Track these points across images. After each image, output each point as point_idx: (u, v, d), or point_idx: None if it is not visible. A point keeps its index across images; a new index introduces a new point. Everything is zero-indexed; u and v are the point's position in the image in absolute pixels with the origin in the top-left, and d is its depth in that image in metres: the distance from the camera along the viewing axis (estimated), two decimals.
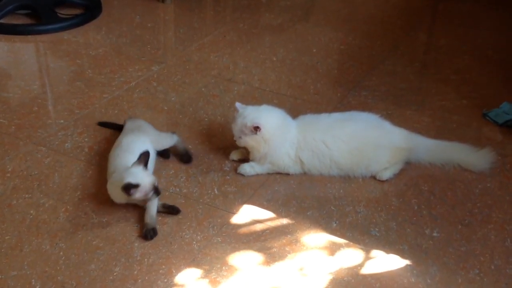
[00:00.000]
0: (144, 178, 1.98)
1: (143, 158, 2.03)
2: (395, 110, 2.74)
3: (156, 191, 2.02)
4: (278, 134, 2.24)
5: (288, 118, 2.32)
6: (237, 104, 2.29)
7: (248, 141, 2.24)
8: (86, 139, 2.50)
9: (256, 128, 2.19)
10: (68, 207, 2.12)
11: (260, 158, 2.27)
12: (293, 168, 2.31)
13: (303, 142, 2.28)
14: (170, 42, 3.49)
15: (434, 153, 2.37)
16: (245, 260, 1.92)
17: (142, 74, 3.01)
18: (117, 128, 2.46)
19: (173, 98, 2.82)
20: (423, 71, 3.21)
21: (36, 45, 3.36)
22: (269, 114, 2.28)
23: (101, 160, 2.36)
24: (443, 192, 2.25)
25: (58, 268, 1.87)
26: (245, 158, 2.37)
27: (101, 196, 2.17)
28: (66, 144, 2.46)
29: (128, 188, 1.94)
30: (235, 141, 2.27)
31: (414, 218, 2.12)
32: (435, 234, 2.05)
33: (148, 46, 3.32)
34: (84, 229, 2.03)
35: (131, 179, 1.96)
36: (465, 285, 1.85)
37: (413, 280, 1.87)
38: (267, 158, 2.27)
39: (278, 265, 1.91)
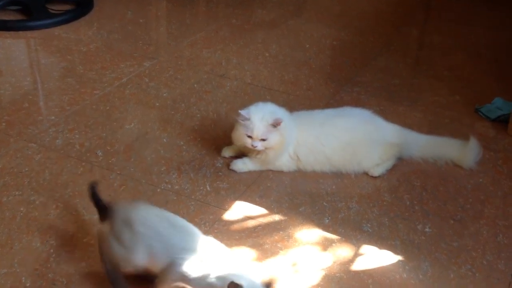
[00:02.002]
0: None
1: None
2: (388, 106, 2.74)
3: None
4: (289, 128, 2.24)
5: (289, 114, 2.32)
6: (243, 112, 2.17)
7: (273, 139, 2.17)
8: (77, 136, 2.48)
9: (278, 122, 2.16)
10: (59, 204, 2.11)
11: (276, 155, 2.24)
12: (288, 165, 2.30)
13: (300, 138, 2.27)
14: (162, 38, 3.47)
15: (426, 149, 2.37)
16: (237, 257, 1.91)
17: (133, 70, 3.00)
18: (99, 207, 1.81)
19: (165, 94, 2.81)
20: (415, 67, 3.21)
21: (27, 41, 3.34)
22: (278, 109, 2.26)
23: (91, 156, 2.35)
24: (435, 187, 2.25)
25: (49, 265, 1.85)
26: (237, 154, 2.36)
27: None
28: (57, 141, 2.45)
29: None
30: (255, 147, 2.17)
31: (406, 214, 2.11)
32: (427, 230, 2.05)
33: (140, 42, 3.30)
34: (74, 226, 2.01)
35: None
36: (457, 280, 1.85)
37: (405, 275, 1.86)
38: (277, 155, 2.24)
39: (270, 261, 1.90)
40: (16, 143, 2.42)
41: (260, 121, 2.16)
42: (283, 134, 2.20)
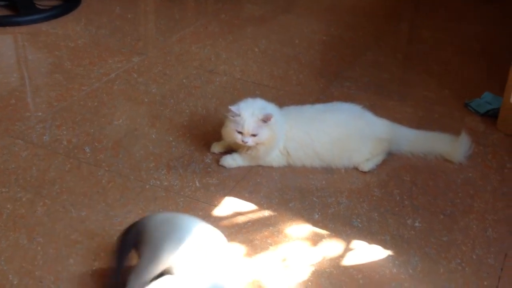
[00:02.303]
0: None
1: None
2: (378, 101, 2.73)
3: None
4: (279, 124, 2.23)
5: (279, 109, 2.30)
6: (233, 107, 2.16)
7: (264, 134, 2.16)
8: (64, 132, 2.46)
9: (268, 118, 2.15)
10: (46, 201, 2.09)
11: (267, 151, 2.23)
12: (277, 161, 2.29)
13: (290, 133, 2.26)
14: (151, 33, 3.45)
15: (416, 144, 2.36)
16: None
17: (122, 66, 2.97)
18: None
19: (153, 90, 2.79)
20: (405, 62, 3.21)
21: (14, 37, 3.30)
22: (268, 104, 2.25)
23: (79, 153, 2.33)
24: (425, 182, 2.24)
25: (36, 263, 1.83)
26: (227, 150, 2.34)
27: (80, 189, 2.14)
28: (44, 137, 2.42)
29: None
30: (245, 143, 2.16)
31: (396, 209, 2.11)
32: (416, 224, 2.04)
33: (128, 38, 3.27)
34: (62, 223, 1.99)
35: None
36: (447, 275, 1.85)
37: (394, 270, 1.86)
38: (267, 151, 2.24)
39: (260, 257, 1.89)
40: (3, 140, 2.39)
41: (251, 116, 2.15)
42: (273, 129, 2.19)
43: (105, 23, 3.44)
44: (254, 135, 2.16)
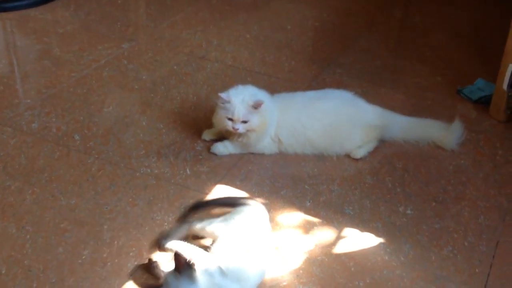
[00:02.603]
0: None
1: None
2: (370, 88, 2.72)
3: None
4: (270, 110, 2.21)
5: (271, 96, 2.29)
6: (222, 94, 2.14)
7: (255, 120, 2.14)
8: (53, 119, 2.43)
9: (259, 104, 2.13)
10: (35, 189, 2.06)
11: (259, 138, 2.21)
12: (269, 148, 2.27)
13: (282, 120, 2.24)
14: (141, 19, 3.41)
15: (408, 130, 2.35)
16: None
17: (112, 52, 2.94)
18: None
19: (144, 77, 2.76)
20: (398, 48, 3.19)
21: (3, 23, 3.25)
22: (259, 91, 2.23)
23: (68, 140, 2.30)
24: (417, 169, 2.23)
25: (25, 252, 1.81)
26: (218, 138, 2.32)
27: (69, 177, 2.12)
28: (33, 124, 2.39)
29: None
30: (236, 130, 2.14)
31: (388, 196, 2.10)
32: (408, 212, 2.04)
33: (118, 24, 3.23)
34: (51, 211, 1.97)
35: None
36: (439, 262, 1.85)
37: (386, 258, 1.86)
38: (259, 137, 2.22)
39: None
40: None
41: (241, 103, 2.13)
42: (264, 116, 2.17)
43: (95, 9, 3.39)
44: (244, 122, 2.14)
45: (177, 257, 1.51)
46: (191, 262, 1.51)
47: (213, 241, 1.75)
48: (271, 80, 2.77)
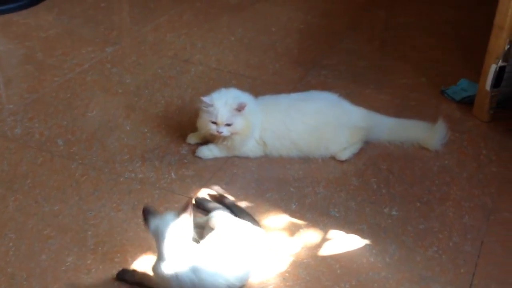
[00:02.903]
0: None
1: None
2: (355, 89, 2.72)
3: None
4: (254, 113, 2.20)
5: (254, 98, 2.28)
6: (205, 98, 2.14)
7: (239, 123, 2.14)
8: (36, 125, 2.41)
9: (242, 107, 2.12)
10: (18, 195, 2.04)
11: (243, 141, 2.21)
12: (254, 151, 2.27)
13: (266, 123, 2.24)
14: (125, 22, 3.39)
15: (392, 132, 2.36)
16: None
17: (95, 56, 2.92)
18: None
19: (128, 80, 2.74)
20: (382, 49, 3.20)
21: None
22: (242, 94, 2.23)
23: (52, 146, 2.28)
24: (402, 170, 2.24)
25: (8, 259, 1.80)
26: (203, 141, 2.31)
27: (53, 183, 2.10)
28: (16, 130, 2.37)
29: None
30: (220, 133, 2.14)
31: (373, 197, 2.11)
32: (394, 213, 2.04)
33: (102, 27, 3.21)
34: (35, 218, 1.95)
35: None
36: (424, 263, 1.85)
37: (372, 259, 1.86)
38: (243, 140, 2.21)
39: None
40: None
41: (224, 106, 2.12)
42: (248, 118, 2.16)
43: (78, 13, 3.37)
44: (228, 125, 2.13)
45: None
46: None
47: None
48: (255, 82, 2.76)
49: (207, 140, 2.29)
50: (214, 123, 2.13)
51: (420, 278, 1.80)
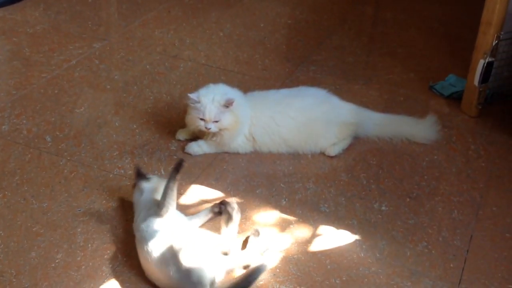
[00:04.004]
0: None
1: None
2: (343, 85, 2.73)
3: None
4: (243, 109, 2.20)
5: (243, 94, 2.28)
6: (192, 95, 2.13)
7: (226, 119, 2.13)
8: (24, 121, 2.39)
9: (230, 103, 2.12)
10: (6, 192, 2.03)
11: (232, 136, 2.20)
12: (243, 147, 2.27)
13: (255, 118, 2.24)
14: (113, 18, 3.36)
15: (382, 127, 2.37)
16: None
17: (83, 52, 2.90)
18: None
19: (116, 76, 2.73)
20: (370, 45, 3.21)
21: None
22: (230, 89, 2.23)
23: (40, 142, 2.26)
24: (391, 165, 2.25)
25: None
26: (192, 137, 2.31)
27: (41, 180, 2.08)
28: (3, 127, 2.35)
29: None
30: (208, 129, 2.13)
31: (363, 193, 2.11)
32: (383, 208, 2.05)
33: (89, 23, 3.19)
34: (23, 215, 1.94)
35: None
36: (414, 258, 1.86)
37: (362, 254, 1.86)
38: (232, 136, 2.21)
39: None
40: None
41: (211, 102, 2.11)
42: (236, 114, 2.16)
43: (65, 8, 3.34)
44: (216, 121, 2.13)
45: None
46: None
47: None
48: (244, 78, 2.76)
49: (197, 136, 2.29)
50: (202, 119, 2.13)
51: (410, 273, 1.81)
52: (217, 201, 1.97)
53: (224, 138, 2.20)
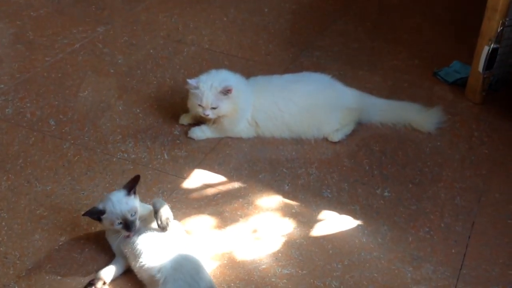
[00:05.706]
0: (114, 205, 1.70)
1: (131, 182, 1.75)
2: (348, 71, 2.72)
3: (126, 225, 1.69)
4: (244, 95, 2.19)
5: (245, 80, 2.27)
6: (191, 81, 2.14)
7: (224, 107, 2.14)
8: (28, 104, 2.39)
9: (228, 90, 2.12)
10: (10, 175, 2.03)
11: (232, 123, 2.21)
12: (246, 132, 2.27)
13: (258, 104, 2.23)
14: (116, 2, 3.34)
15: (385, 113, 2.36)
16: (197, 225, 1.89)
17: (87, 36, 2.89)
18: None
19: (120, 61, 2.72)
20: (375, 30, 3.19)
21: None
22: (231, 76, 2.22)
23: (43, 126, 2.27)
24: (394, 151, 2.25)
25: (1, 239, 1.79)
26: (195, 122, 2.31)
27: (45, 163, 2.09)
28: (7, 110, 2.35)
29: (91, 213, 1.70)
30: (206, 116, 2.14)
31: (366, 179, 2.11)
32: (386, 194, 2.05)
33: (93, 7, 3.18)
34: (27, 198, 1.95)
35: (100, 204, 1.71)
36: (416, 243, 1.87)
37: (364, 240, 1.87)
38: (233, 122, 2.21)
39: (230, 229, 1.88)
40: None
41: (209, 89, 2.11)
42: (235, 102, 2.16)
43: None
44: (214, 108, 2.13)
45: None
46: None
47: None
48: (248, 63, 2.75)
49: (200, 121, 2.29)
50: (201, 105, 2.13)
51: (412, 258, 1.81)
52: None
53: (223, 124, 2.21)
